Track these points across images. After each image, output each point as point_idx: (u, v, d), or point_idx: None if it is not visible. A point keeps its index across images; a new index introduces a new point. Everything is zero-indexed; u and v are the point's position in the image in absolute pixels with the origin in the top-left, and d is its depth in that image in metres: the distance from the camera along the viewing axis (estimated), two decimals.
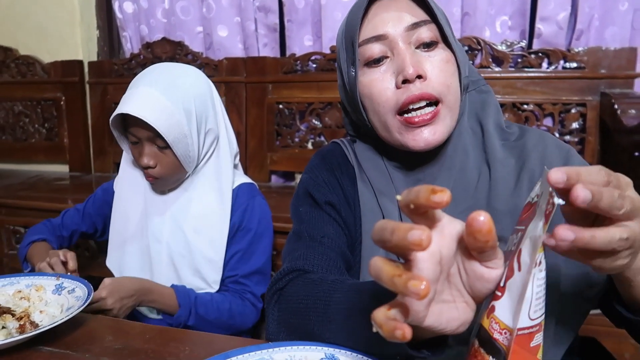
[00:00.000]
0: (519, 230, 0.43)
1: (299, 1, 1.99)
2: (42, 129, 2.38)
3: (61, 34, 2.30)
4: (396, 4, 0.68)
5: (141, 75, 1.07)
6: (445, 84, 0.66)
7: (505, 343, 0.40)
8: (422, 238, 0.34)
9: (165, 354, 0.65)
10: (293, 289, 0.65)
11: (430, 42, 0.67)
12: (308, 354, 0.57)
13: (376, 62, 0.68)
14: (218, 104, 1.16)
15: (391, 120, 0.68)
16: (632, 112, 1.49)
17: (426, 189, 0.36)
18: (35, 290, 0.79)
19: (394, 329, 0.36)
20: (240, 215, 1.15)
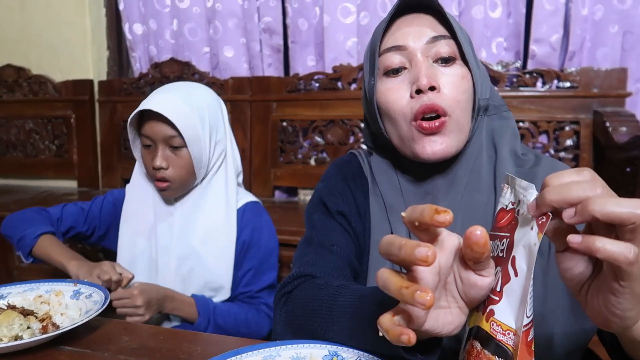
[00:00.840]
0: (503, 237, 0.46)
1: (302, 23, 2.07)
2: (52, 145, 2.44)
3: (73, 54, 2.38)
4: (419, 19, 0.71)
5: (158, 88, 1.15)
6: (455, 99, 0.68)
7: (510, 343, 0.43)
8: (428, 255, 0.38)
9: (179, 352, 0.69)
10: (300, 293, 0.69)
11: (448, 58, 0.69)
12: (313, 352, 0.61)
13: (395, 72, 0.71)
14: (227, 121, 1.22)
15: (405, 128, 0.70)
16: (623, 129, 1.55)
17: (430, 209, 0.39)
18: (55, 295, 0.84)
19: (400, 334, 0.40)
20: (250, 233, 1.19)
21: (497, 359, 0.44)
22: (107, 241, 1.29)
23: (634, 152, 1.41)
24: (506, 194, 0.47)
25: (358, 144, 1.99)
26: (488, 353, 0.45)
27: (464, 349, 0.49)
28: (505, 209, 0.47)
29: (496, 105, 0.76)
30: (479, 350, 0.46)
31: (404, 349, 0.49)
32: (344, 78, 1.99)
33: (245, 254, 1.19)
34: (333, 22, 1.99)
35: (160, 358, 0.68)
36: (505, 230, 0.46)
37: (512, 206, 0.46)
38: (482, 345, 0.46)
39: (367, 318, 0.56)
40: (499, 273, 0.45)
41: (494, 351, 0.44)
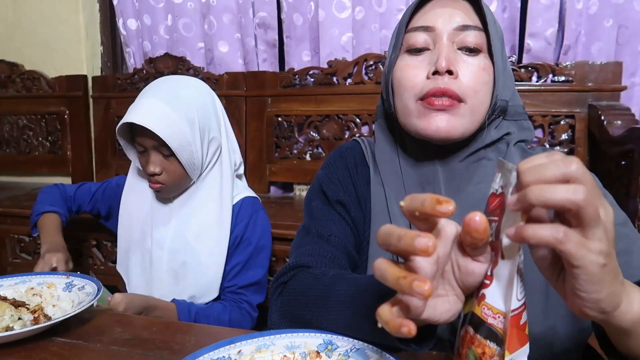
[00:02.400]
0: (492, 220, 0.46)
1: (297, 18, 2.07)
2: (45, 142, 2.43)
3: (66, 50, 2.37)
4: (454, 3, 0.70)
5: (146, 88, 1.12)
6: (473, 88, 0.67)
7: (500, 326, 0.43)
8: (428, 245, 0.37)
9: (172, 343, 0.69)
10: (296, 283, 0.68)
11: (473, 48, 0.68)
12: (307, 340, 0.61)
13: (417, 51, 0.70)
14: (221, 114, 1.20)
15: (412, 104, 0.69)
16: (618, 123, 1.55)
17: (431, 199, 0.38)
18: (47, 288, 0.83)
19: (400, 325, 0.39)
20: (243, 228, 1.19)
21: (489, 343, 0.44)
22: (110, 223, 1.34)
23: (628, 146, 1.41)
24: (496, 179, 0.47)
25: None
26: (480, 337, 0.45)
27: (459, 335, 0.49)
28: (495, 194, 0.47)
29: (518, 112, 0.75)
30: (472, 335, 0.46)
31: (398, 339, 0.48)
32: (339, 73, 1.99)
33: (235, 249, 1.18)
34: (328, 16, 1.98)
35: (154, 349, 0.67)
36: (495, 214, 0.46)
37: (502, 190, 0.46)
38: (475, 330, 0.45)
39: (363, 307, 0.56)
40: (492, 257, 0.45)
41: (485, 335, 0.44)
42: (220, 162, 1.19)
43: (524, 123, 0.76)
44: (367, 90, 1.95)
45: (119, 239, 1.24)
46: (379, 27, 1.98)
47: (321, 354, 0.59)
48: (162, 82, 1.14)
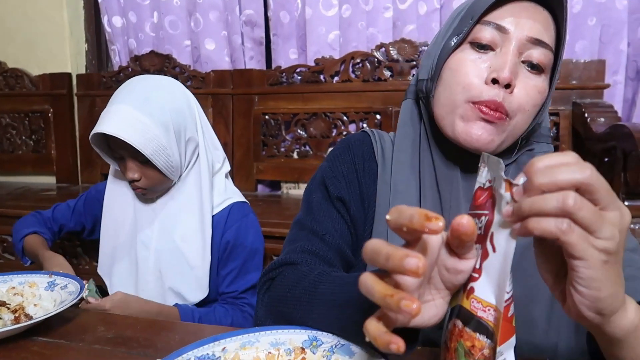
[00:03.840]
0: (482, 214, 0.46)
1: (284, 16, 2.06)
2: (29, 140, 2.39)
3: (50, 47, 2.33)
4: (537, 13, 0.65)
5: (117, 92, 1.10)
6: (523, 107, 0.65)
7: (490, 319, 0.43)
8: (418, 266, 0.36)
9: (156, 342, 0.68)
10: (283, 280, 0.68)
11: (537, 66, 0.65)
12: (292, 337, 0.61)
13: (481, 47, 0.66)
14: (196, 112, 1.18)
15: (460, 103, 0.66)
16: (601, 120, 1.57)
17: (420, 215, 0.37)
18: (29, 287, 0.82)
19: (388, 342, 0.37)
20: (235, 233, 1.17)
21: (479, 336, 0.44)
22: (96, 235, 1.29)
23: (611, 143, 1.43)
24: (483, 173, 0.47)
25: (341, 137, 1.98)
26: (469, 331, 0.44)
27: (447, 329, 0.49)
28: (483, 188, 0.47)
29: (544, 134, 0.73)
30: (461, 329, 0.45)
31: None
32: (326, 71, 1.98)
33: (229, 254, 1.17)
34: (315, 14, 1.98)
35: (137, 347, 0.67)
36: (483, 207, 0.46)
37: (489, 184, 0.46)
38: (464, 324, 0.45)
39: (346, 307, 0.55)
40: (479, 250, 0.45)
41: (475, 328, 0.44)
42: (199, 161, 1.18)
43: (544, 146, 0.74)
44: (354, 88, 1.95)
45: (102, 241, 1.22)
46: (365, 25, 1.98)
47: (306, 350, 0.58)
48: (132, 86, 1.10)
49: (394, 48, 1.91)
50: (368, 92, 1.93)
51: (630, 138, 1.29)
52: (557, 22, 0.66)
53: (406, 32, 1.94)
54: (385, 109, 1.91)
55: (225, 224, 1.17)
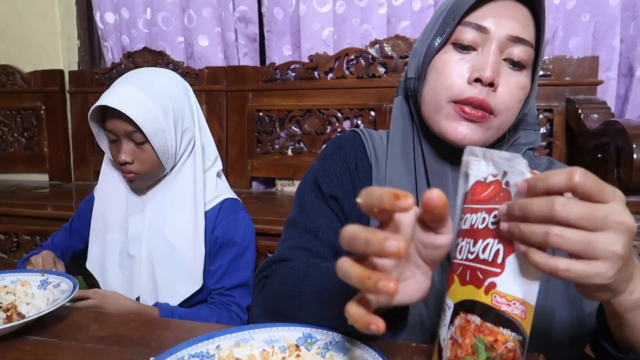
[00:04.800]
0: (492, 209, 0.45)
1: (278, 12, 2.05)
2: (21, 138, 2.37)
3: (42, 44, 2.31)
4: (517, 11, 0.67)
5: (120, 77, 1.12)
6: (507, 105, 0.66)
7: (516, 312, 0.43)
8: (399, 247, 0.36)
9: (150, 340, 0.68)
10: (275, 277, 0.68)
11: (518, 63, 0.66)
12: (287, 334, 0.61)
13: (463, 48, 0.67)
14: (195, 105, 1.19)
15: (444, 103, 0.68)
16: (594, 116, 1.58)
17: (389, 194, 0.37)
18: (21, 286, 0.81)
19: (368, 323, 0.38)
20: (224, 230, 1.16)
21: (502, 330, 0.44)
22: None
23: (605, 139, 1.44)
24: (480, 166, 0.47)
25: (335, 133, 1.98)
26: (491, 325, 0.44)
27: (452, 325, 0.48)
28: (484, 182, 0.47)
29: (531, 122, 0.75)
30: (479, 324, 0.45)
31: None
32: (320, 67, 1.98)
33: (218, 250, 1.16)
34: (309, 11, 1.97)
35: (131, 345, 0.66)
36: (491, 202, 0.46)
37: (494, 178, 0.46)
38: (483, 319, 0.45)
39: (336, 295, 0.55)
40: (494, 245, 0.45)
41: (497, 322, 0.44)
42: (193, 154, 1.18)
43: (532, 133, 0.75)
44: (348, 85, 1.95)
45: (92, 235, 1.20)
46: (360, 22, 1.98)
47: (300, 347, 0.58)
48: (136, 72, 1.14)
49: (388, 44, 1.90)
50: (362, 88, 1.93)
51: (624, 134, 1.30)
52: (537, 16, 0.67)
53: (400, 28, 1.94)
54: (380, 105, 1.91)
55: (215, 220, 1.17)
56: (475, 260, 0.46)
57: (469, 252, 0.47)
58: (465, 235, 0.48)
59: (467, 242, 0.47)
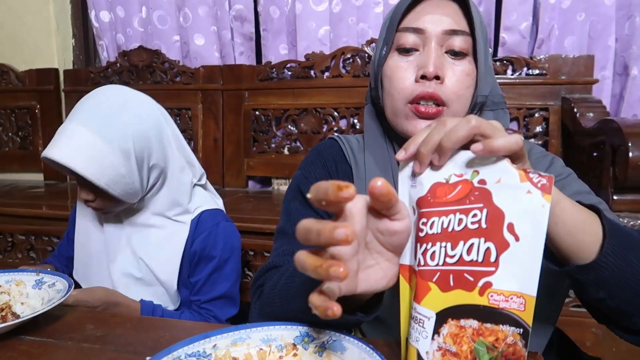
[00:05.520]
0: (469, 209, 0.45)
1: (274, 11, 2.05)
2: (16, 137, 2.36)
3: (36, 43, 2.30)
4: (445, 7, 0.72)
5: (80, 106, 1.02)
6: (456, 93, 0.70)
7: (514, 307, 0.43)
8: (347, 234, 0.39)
9: (146, 339, 0.67)
10: (269, 283, 0.70)
11: (459, 52, 0.71)
12: (284, 333, 0.60)
13: (406, 51, 0.72)
14: (169, 134, 1.10)
15: (401, 106, 0.72)
16: (590, 115, 1.58)
17: (333, 186, 0.40)
18: (16, 285, 0.80)
19: (325, 309, 0.41)
20: (203, 242, 1.13)
21: (502, 327, 0.43)
22: None
23: (600, 138, 1.44)
24: (432, 169, 0.47)
25: (331, 132, 1.98)
26: (491, 325, 0.44)
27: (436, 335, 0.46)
28: (446, 183, 0.46)
29: (495, 101, 0.78)
30: (477, 328, 0.44)
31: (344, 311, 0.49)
32: (316, 66, 1.98)
33: (197, 264, 1.13)
34: (305, 9, 1.97)
35: (127, 345, 0.66)
36: (466, 202, 0.45)
37: (459, 178, 0.46)
38: (482, 321, 0.44)
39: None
40: (481, 244, 0.44)
41: (497, 321, 0.44)
42: (168, 184, 1.12)
43: (500, 112, 0.78)
44: (344, 84, 1.95)
45: (75, 251, 1.18)
46: (356, 20, 1.98)
47: (297, 346, 0.58)
48: (96, 102, 1.01)
49: None
50: (359, 87, 1.93)
51: (619, 133, 1.30)
52: (465, 6, 0.72)
53: None
54: None
55: (194, 233, 1.13)
56: (459, 263, 0.45)
57: (447, 256, 0.46)
58: (437, 239, 0.46)
59: (442, 246, 0.46)
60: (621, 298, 0.52)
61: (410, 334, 0.49)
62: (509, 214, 0.44)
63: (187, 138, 2.18)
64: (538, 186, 0.43)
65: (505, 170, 0.44)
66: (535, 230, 0.43)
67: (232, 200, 1.86)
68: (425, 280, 0.47)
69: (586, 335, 1.28)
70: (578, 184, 0.74)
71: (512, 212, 0.43)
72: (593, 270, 0.50)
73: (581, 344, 1.27)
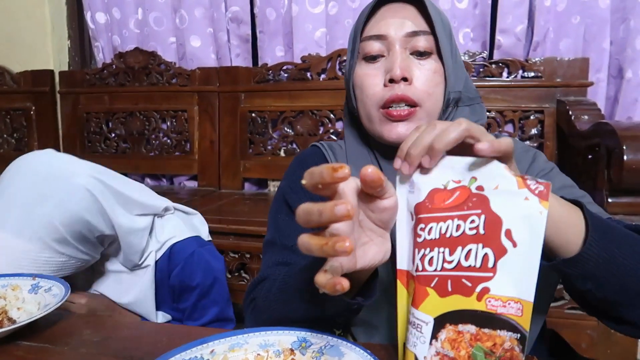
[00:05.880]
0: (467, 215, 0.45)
1: (270, 13, 2.05)
2: (11, 139, 2.35)
3: (32, 44, 2.29)
4: (403, 10, 0.73)
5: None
6: (426, 92, 0.71)
7: (511, 312, 0.43)
8: (348, 209, 0.41)
9: (143, 344, 0.67)
10: (260, 293, 0.71)
11: (424, 52, 0.72)
12: (281, 338, 0.60)
13: (373, 58, 0.74)
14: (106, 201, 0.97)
15: (374, 112, 0.73)
16: (585, 117, 1.59)
17: (328, 168, 0.42)
18: (12, 290, 0.80)
19: (334, 284, 0.43)
20: (179, 276, 1.09)
21: (499, 332, 0.44)
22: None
23: (595, 140, 1.45)
24: (431, 174, 0.47)
25: (328, 134, 1.98)
26: (488, 331, 0.44)
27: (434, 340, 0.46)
28: (444, 189, 0.47)
29: (470, 97, 0.79)
30: (475, 333, 0.45)
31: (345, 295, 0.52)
32: (313, 68, 1.98)
33: (180, 294, 1.11)
34: (302, 11, 1.97)
35: (124, 350, 0.66)
36: (463, 208, 0.46)
37: (456, 184, 0.46)
38: (479, 326, 0.44)
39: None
40: (479, 250, 0.45)
41: (494, 326, 0.44)
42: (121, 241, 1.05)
43: (477, 107, 0.80)
44: (341, 86, 1.94)
45: None
46: (352, 23, 1.98)
47: (295, 351, 0.58)
48: (12, 197, 0.91)
49: None
50: None
51: (614, 135, 1.31)
52: (422, 7, 0.73)
53: None
54: None
55: (168, 269, 1.10)
56: (457, 268, 0.45)
57: (446, 262, 0.46)
58: (435, 244, 0.47)
59: (440, 251, 0.46)
60: (607, 289, 0.53)
61: (408, 339, 0.49)
62: (506, 220, 0.44)
63: (183, 140, 2.18)
64: (535, 193, 0.43)
65: (503, 176, 0.45)
66: (533, 237, 0.43)
67: (228, 202, 1.86)
68: (424, 285, 0.47)
69: (581, 337, 1.28)
70: (562, 177, 0.76)
71: (510, 218, 0.44)
72: (578, 263, 0.51)
73: (576, 346, 1.28)
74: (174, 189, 2.23)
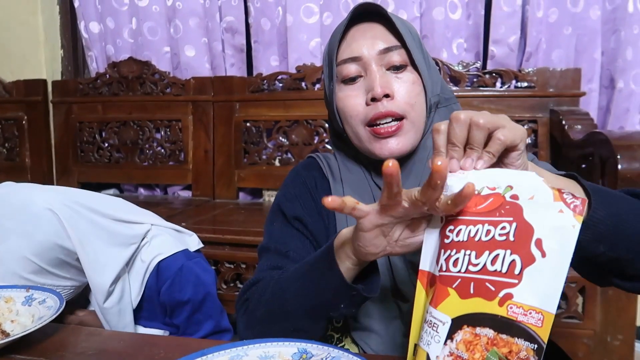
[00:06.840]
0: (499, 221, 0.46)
1: (265, 23, 2.06)
2: (2, 149, 2.33)
3: (24, 53, 2.28)
4: (372, 30, 0.75)
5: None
6: (409, 103, 0.73)
7: (531, 322, 0.43)
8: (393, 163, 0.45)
9: (140, 357, 0.66)
10: (254, 294, 0.72)
11: (400, 65, 0.74)
12: (281, 350, 0.60)
13: (352, 80, 0.75)
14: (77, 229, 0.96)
15: (362, 131, 0.74)
16: (578, 127, 1.60)
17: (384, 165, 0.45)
18: (5, 302, 0.79)
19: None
20: (168, 292, 1.08)
21: (517, 340, 0.43)
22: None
23: (588, 149, 1.46)
24: (466, 179, 0.47)
25: (322, 144, 1.98)
26: (506, 337, 0.44)
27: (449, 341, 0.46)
28: (479, 194, 0.47)
29: (446, 97, 0.81)
30: (492, 337, 0.44)
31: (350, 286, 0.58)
32: (307, 78, 1.98)
33: (172, 310, 1.11)
34: (296, 22, 1.98)
35: None
36: (495, 215, 0.46)
37: (491, 191, 0.46)
38: (497, 331, 0.44)
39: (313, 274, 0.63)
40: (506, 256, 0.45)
41: (513, 333, 0.43)
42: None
43: (453, 107, 0.81)
44: None
45: None
46: None
47: None
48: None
49: None
50: None
51: (608, 145, 1.32)
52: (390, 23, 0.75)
53: None
54: None
55: (156, 285, 1.09)
56: (482, 272, 0.45)
57: (471, 264, 0.46)
58: (462, 247, 0.47)
59: (466, 253, 0.47)
60: (620, 247, 0.55)
61: (422, 337, 0.49)
62: (538, 230, 0.44)
63: (177, 150, 2.17)
64: (571, 207, 0.44)
65: (539, 188, 0.45)
66: (563, 249, 0.43)
67: (222, 212, 1.85)
68: (445, 285, 0.47)
69: (578, 346, 1.28)
70: (544, 164, 0.77)
71: (542, 228, 0.44)
72: (590, 228, 0.52)
73: (573, 355, 1.27)
74: (168, 198, 2.21)
